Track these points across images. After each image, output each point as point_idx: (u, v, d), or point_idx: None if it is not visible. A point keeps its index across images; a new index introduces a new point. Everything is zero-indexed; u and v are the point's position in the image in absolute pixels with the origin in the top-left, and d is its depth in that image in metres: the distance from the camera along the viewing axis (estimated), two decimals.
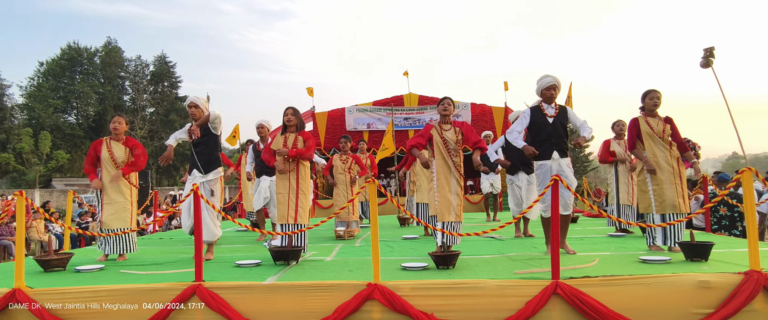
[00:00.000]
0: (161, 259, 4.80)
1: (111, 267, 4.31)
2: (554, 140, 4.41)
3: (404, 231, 7.32)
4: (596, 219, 8.72)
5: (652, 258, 3.89)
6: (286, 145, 4.56)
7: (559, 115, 4.48)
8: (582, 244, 5.18)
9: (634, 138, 4.64)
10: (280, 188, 4.53)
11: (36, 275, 3.94)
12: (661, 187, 4.43)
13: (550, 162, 4.41)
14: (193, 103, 4.77)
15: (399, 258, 4.42)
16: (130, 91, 39.38)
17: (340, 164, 6.97)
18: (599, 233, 6.40)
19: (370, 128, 17.63)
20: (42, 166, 29.97)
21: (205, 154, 4.72)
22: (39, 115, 33.56)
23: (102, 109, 36.19)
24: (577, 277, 3.17)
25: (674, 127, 4.59)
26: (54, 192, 25.40)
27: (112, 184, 4.77)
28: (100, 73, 38.08)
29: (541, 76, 4.54)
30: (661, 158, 4.48)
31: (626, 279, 3.13)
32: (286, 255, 4.15)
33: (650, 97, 4.60)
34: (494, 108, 17.85)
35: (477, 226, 7.82)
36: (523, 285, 3.13)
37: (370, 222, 3.44)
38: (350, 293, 3.13)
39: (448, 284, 3.18)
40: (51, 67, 36.92)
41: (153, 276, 3.79)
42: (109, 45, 38.91)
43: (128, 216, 4.81)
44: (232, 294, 3.21)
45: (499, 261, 4.13)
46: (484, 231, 3.84)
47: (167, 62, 40.29)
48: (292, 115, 4.64)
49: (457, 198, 4.25)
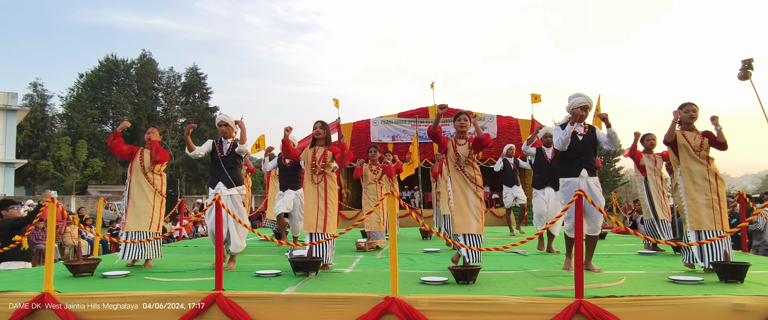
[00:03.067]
0: (184, 267, 4.88)
1: (136, 274, 4.41)
2: (584, 157, 4.32)
3: (426, 243, 7.25)
4: (625, 236, 8.44)
5: (684, 278, 3.73)
6: (315, 158, 4.63)
7: (589, 133, 4.40)
8: (609, 262, 5.01)
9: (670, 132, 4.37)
10: (309, 197, 4.59)
11: (65, 280, 4.07)
12: (696, 203, 4.22)
13: (578, 179, 4.30)
14: (223, 121, 4.91)
15: (419, 272, 4.37)
16: (162, 101, 40.62)
17: (370, 174, 6.99)
18: (628, 250, 6.19)
19: (394, 140, 17.65)
20: (78, 174, 31.12)
21: (233, 169, 4.83)
22: (77, 125, 34.95)
23: (136, 119, 37.40)
24: (602, 296, 3.06)
25: (712, 135, 4.37)
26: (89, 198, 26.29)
27: (138, 189, 4.91)
28: (136, 84, 39.44)
29: (574, 94, 4.43)
30: (697, 173, 4.27)
31: (655, 300, 3.00)
32: (305, 266, 4.16)
33: (686, 110, 4.41)
34: (520, 120, 17.63)
35: (500, 240, 7.69)
36: (545, 303, 3.04)
37: (389, 235, 3.41)
38: (368, 306, 3.10)
39: (468, 300, 3.12)
40: (90, 79, 38.47)
41: (175, 284, 3.85)
42: (144, 57, 40.32)
43: (149, 219, 4.91)
44: (250, 304, 3.23)
45: (521, 278, 4.03)
46: (505, 246, 3.76)
47: (198, 74, 41.46)
48: (321, 129, 4.73)
49: (477, 210, 4.19)
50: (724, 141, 4.32)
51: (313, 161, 4.63)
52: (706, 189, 4.23)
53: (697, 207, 4.21)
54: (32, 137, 33.27)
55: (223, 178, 4.78)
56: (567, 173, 4.32)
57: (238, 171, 4.90)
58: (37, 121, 33.93)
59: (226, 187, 4.76)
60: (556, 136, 4.34)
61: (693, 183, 4.27)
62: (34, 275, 4.31)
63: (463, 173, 4.29)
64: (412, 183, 16.64)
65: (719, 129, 4.32)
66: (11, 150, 25.21)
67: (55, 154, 30.99)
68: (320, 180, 4.59)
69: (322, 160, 4.62)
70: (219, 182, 4.78)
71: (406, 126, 17.68)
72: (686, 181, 4.30)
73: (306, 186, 4.65)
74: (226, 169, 4.79)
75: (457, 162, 4.35)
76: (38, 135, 33.96)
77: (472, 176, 4.29)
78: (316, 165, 4.61)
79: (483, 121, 17.41)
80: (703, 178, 4.26)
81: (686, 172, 4.32)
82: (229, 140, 4.92)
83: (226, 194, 4.73)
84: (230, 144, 4.89)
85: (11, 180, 25.44)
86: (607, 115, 4.28)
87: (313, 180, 4.61)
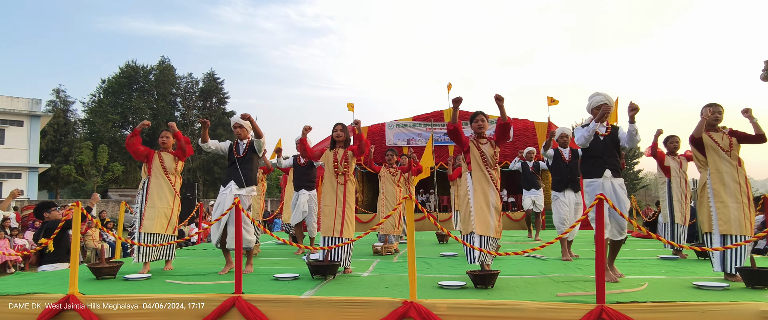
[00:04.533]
0: (204, 270, 4.94)
1: (157, 277, 4.48)
2: (606, 158, 4.24)
3: (443, 248, 7.22)
4: (646, 241, 8.29)
5: (709, 283, 3.64)
6: (336, 160, 4.67)
7: (611, 133, 4.33)
8: (630, 267, 4.93)
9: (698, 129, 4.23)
10: (327, 200, 4.62)
11: (88, 282, 4.15)
12: (725, 205, 4.08)
13: (602, 180, 4.22)
14: (238, 123, 4.98)
15: (436, 276, 4.35)
16: (181, 106, 41.27)
17: (388, 176, 7.00)
18: (649, 255, 6.07)
19: (409, 143, 17.63)
20: (99, 178, 31.77)
21: (248, 169, 4.87)
22: (98, 129, 35.69)
23: (155, 124, 38.07)
24: (624, 302, 3.01)
25: (739, 133, 4.24)
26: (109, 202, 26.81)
27: (158, 190, 4.96)
28: (155, 90, 40.14)
29: (593, 94, 4.38)
30: (727, 175, 4.14)
31: (678, 306, 2.94)
32: (323, 270, 4.18)
33: (712, 111, 4.29)
34: (536, 123, 17.46)
35: (518, 245, 7.61)
36: (565, 308, 3.00)
37: (407, 239, 3.41)
38: (386, 310, 3.10)
39: (486, 305, 3.10)
40: (111, 84, 39.29)
41: (195, 287, 3.90)
42: (163, 63, 41.04)
43: (167, 221, 4.98)
44: (269, 307, 3.26)
45: (540, 283, 3.99)
46: (524, 250, 3.72)
47: (216, 79, 42.04)
48: (341, 131, 4.79)
49: (496, 212, 4.14)
50: (761, 132, 4.14)
51: (334, 162, 4.67)
52: (736, 192, 4.09)
53: (726, 210, 4.07)
54: (55, 142, 34.06)
55: (237, 178, 4.82)
56: (590, 174, 4.24)
57: (253, 172, 4.92)
58: (60, 127, 34.73)
59: (237, 187, 4.81)
60: (578, 133, 4.28)
61: (723, 185, 4.13)
62: (59, 277, 4.41)
63: (487, 173, 4.18)
64: (428, 186, 16.61)
65: (755, 121, 4.15)
66: (35, 155, 25.88)
67: (77, 158, 31.70)
68: (342, 183, 4.63)
69: (344, 160, 4.68)
70: (231, 181, 4.84)
71: (421, 129, 17.65)
72: (715, 183, 4.16)
73: (325, 189, 4.67)
74: (241, 170, 4.84)
75: (483, 161, 4.21)
76: (61, 140, 34.75)
77: (495, 178, 4.25)
78: (339, 166, 4.65)
79: None
80: (733, 180, 4.13)
81: (716, 174, 4.18)
82: (245, 141, 4.98)
83: (236, 194, 4.78)
84: (246, 144, 4.94)
85: (35, 184, 26.10)
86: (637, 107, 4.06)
87: (335, 181, 4.64)
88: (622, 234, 4.19)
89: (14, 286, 3.86)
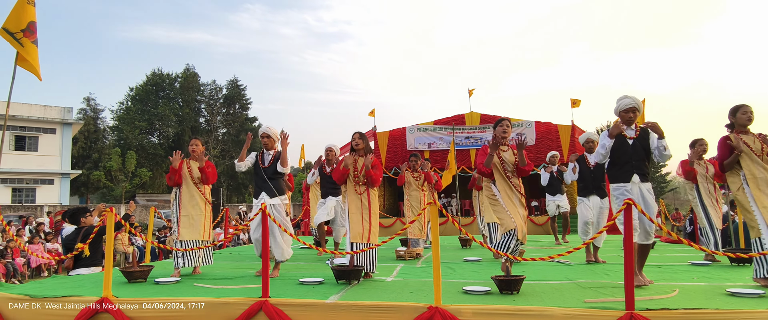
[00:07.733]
0: (231, 274, 5.03)
1: (186, 281, 4.58)
2: (634, 163, 4.10)
3: (466, 252, 7.18)
4: (675, 246, 8.08)
5: (743, 290, 3.54)
6: (356, 167, 4.71)
7: (640, 137, 4.17)
8: (660, 273, 4.82)
9: (725, 157, 4.14)
10: (353, 209, 4.67)
11: (120, 285, 4.28)
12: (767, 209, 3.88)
13: (630, 185, 4.11)
14: (266, 133, 5.07)
15: (460, 281, 4.34)
16: (205, 113, 42.12)
17: (412, 181, 7.02)
18: (679, 261, 5.92)
19: (431, 147, 17.60)
20: (127, 183, 32.66)
21: (276, 180, 4.97)
22: (126, 136, 36.72)
23: (180, 130, 38.94)
24: (654, 309, 2.95)
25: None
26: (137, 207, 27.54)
27: (190, 199, 5.10)
28: (180, 97, 41.09)
29: (621, 97, 4.28)
30: (761, 179, 3.99)
31: (711, 313, 2.87)
32: (348, 275, 4.21)
33: (742, 112, 4.16)
34: (560, 126, 17.22)
35: (543, 250, 7.51)
36: (593, 314, 2.96)
37: (432, 244, 3.42)
38: (411, 315, 3.11)
39: (512, 310, 3.08)
40: (138, 92, 40.40)
41: (223, 291, 3.98)
42: (188, 71, 41.99)
43: (201, 228, 5.12)
44: (295, 311, 3.31)
45: (567, 288, 3.93)
46: (551, 256, 3.68)
47: (239, 85, 42.77)
48: (359, 139, 4.82)
49: (521, 219, 4.16)
50: None
51: (355, 172, 4.71)
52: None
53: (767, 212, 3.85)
54: (86, 149, 35.17)
55: (267, 189, 4.91)
56: (617, 178, 4.13)
57: (281, 182, 5.02)
58: (90, 134, 35.86)
59: (269, 197, 4.89)
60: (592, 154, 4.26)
61: (759, 190, 3.97)
62: (93, 281, 4.56)
63: (510, 182, 4.27)
64: (450, 190, 16.49)
65: None
66: (67, 161, 26.76)
67: (106, 164, 32.67)
68: (363, 191, 4.68)
69: (363, 171, 4.70)
70: (262, 193, 4.92)
71: (443, 133, 17.60)
72: (753, 188, 3.99)
73: (350, 197, 4.72)
74: (269, 180, 4.92)
75: (504, 170, 4.30)
76: (91, 147, 35.87)
77: (518, 184, 4.30)
78: (359, 176, 4.68)
79: (521, 127, 17.11)
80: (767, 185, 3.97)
81: (752, 179, 4.01)
82: (271, 152, 5.05)
83: (270, 204, 4.86)
84: (272, 155, 5.02)
85: (67, 190, 26.98)
86: (656, 125, 4.05)
87: (357, 190, 4.68)
88: (649, 239, 4.09)
89: (51, 289, 4.01)
